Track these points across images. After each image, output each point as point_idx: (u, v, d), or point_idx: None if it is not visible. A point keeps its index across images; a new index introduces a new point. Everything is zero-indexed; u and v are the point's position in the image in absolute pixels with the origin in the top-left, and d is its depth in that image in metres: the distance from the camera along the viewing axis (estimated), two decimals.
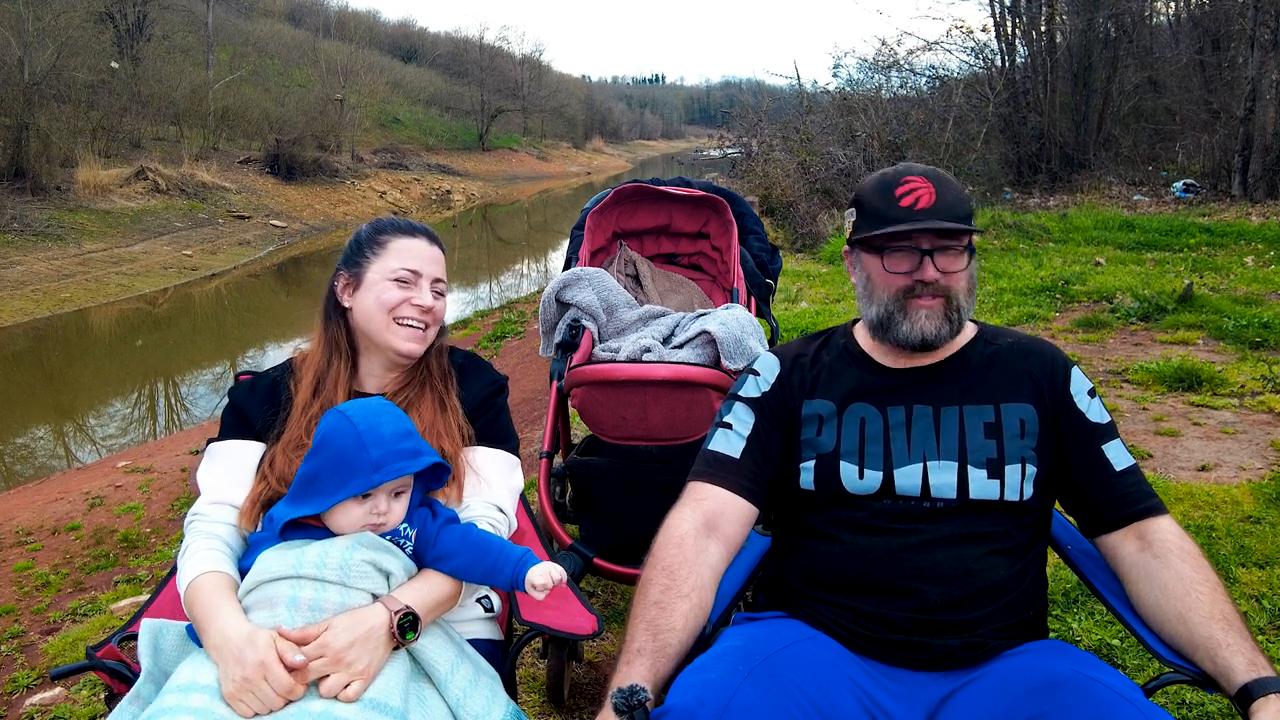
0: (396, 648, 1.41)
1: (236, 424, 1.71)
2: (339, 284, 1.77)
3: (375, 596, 1.43)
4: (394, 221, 1.81)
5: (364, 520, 1.47)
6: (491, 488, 1.69)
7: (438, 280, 1.77)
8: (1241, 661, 1.31)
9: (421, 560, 1.53)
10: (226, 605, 1.41)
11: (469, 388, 1.79)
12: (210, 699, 1.30)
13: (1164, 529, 1.50)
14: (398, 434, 1.49)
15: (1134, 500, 1.53)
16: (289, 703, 1.30)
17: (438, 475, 1.57)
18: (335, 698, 1.31)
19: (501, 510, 1.68)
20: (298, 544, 1.46)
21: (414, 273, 1.73)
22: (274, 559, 1.45)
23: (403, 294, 1.71)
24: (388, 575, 1.46)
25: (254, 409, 1.71)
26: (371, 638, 1.36)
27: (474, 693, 1.43)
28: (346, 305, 1.75)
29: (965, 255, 1.57)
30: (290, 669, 1.31)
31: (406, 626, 1.40)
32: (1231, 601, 1.41)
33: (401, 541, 1.51)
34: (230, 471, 1.64)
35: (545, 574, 1.47)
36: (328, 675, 1.32)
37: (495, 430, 1.77)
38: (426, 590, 1.47)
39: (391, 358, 1.75)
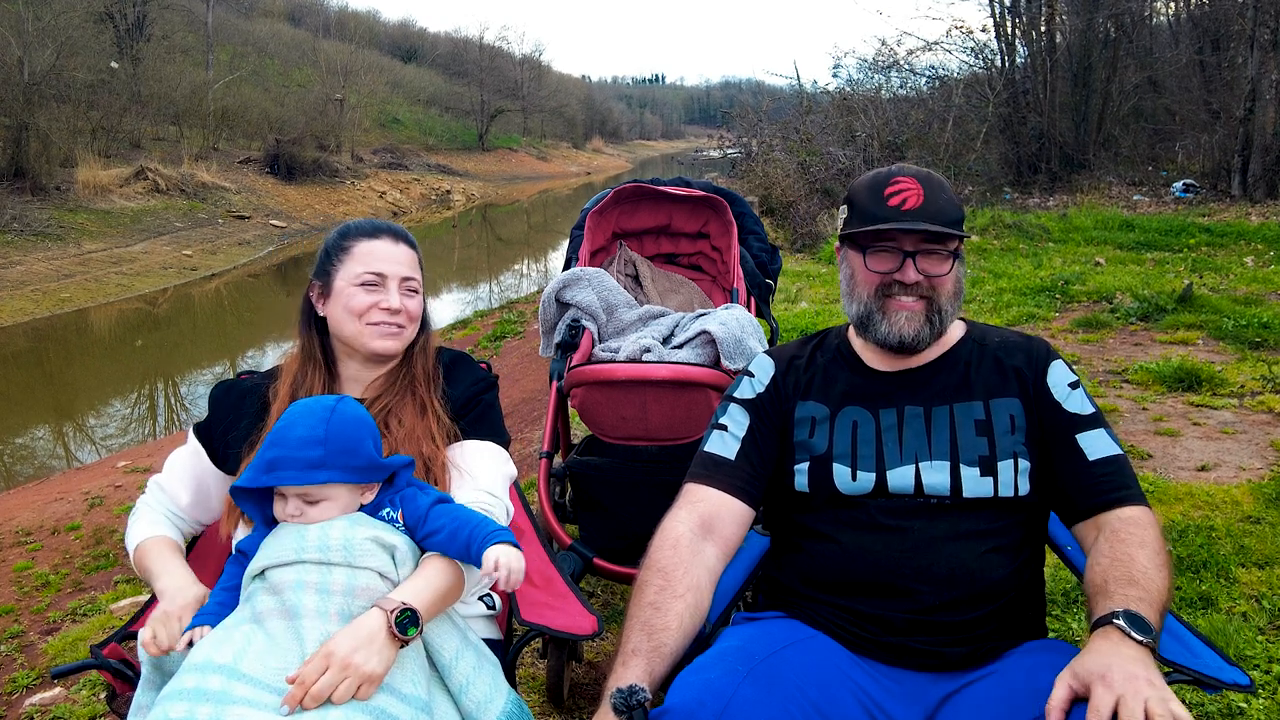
0: (401, 646, 1.40)
1: (208, 426, 1.78)
2: (313, 294, 1.76)
3: (381, 575, 1.42)
4: (359, 224, 1.78)
5: (280, 516, 1.48)
6: (481, 476, 1.67)
7: (406, 279, 1.73)
8: (1109, 604, 1.29)
9: (414, 537, 1.51)
10: (172, 560, 1.62)
11: (456, 385, 1.77)
12: (227, 680, 1.29)
13: (1125, 515, 1.45)
14: (305, 440, 1.44)
15: (1101, 491, 1.49)
16: (295, 705, 1.28)
17: (405, 473, 1.56)
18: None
19: (494, 495, 1.66)
20: (295, 527, 1.46)
21: (379, 275, 1.71)
22: (275, 544, 1.45)
23: (370, 298, 1.69)
24: (392, 550, 1.45)
25: (222, 415, 1.76)
26: (374, 640, 1.35)
27: (477, 680, 1.44)
28: (322, 314, 1.75)
29: (950, 260, 1.57)
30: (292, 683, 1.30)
31: (406, 622, 1.38)
32: (1161, 574, 1.34)
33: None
34: (185, 475, 1.76)
35: (494, 560, 1.40)
36: (338, 687, 1.30)
37: (484, 425, 1.76)
38: (423, 585, 1.45)
39: (369, 358, 1.74)
